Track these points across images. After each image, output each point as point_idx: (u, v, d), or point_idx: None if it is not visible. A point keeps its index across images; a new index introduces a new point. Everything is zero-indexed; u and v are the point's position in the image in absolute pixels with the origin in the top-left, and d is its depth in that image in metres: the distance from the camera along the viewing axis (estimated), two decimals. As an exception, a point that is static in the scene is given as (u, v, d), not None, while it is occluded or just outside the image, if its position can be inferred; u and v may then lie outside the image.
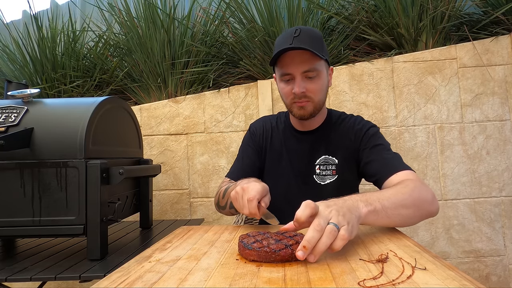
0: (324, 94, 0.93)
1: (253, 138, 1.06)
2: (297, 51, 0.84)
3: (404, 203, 0.67)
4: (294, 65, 0.86)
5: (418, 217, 0.70)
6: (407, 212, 0.67)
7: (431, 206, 0.72)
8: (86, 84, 1.88)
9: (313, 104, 0.90)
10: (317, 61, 0.86)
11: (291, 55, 0.85)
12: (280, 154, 1.02)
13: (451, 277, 0.43)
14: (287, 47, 0.83)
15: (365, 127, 0.97)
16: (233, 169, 1.04)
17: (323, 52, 0.87)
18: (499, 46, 1.65)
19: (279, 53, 0.85)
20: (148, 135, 1.71)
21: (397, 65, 1.67)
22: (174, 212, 1.69)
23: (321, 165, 0.97)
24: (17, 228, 0.90)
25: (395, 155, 0.89)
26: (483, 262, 1.60)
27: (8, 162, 0.90)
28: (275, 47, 0.91)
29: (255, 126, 1.09)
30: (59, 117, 0.96)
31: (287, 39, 0.85)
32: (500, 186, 1.61)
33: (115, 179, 0.94)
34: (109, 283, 0.46)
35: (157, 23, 1.79)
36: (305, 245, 0.49)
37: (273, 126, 1.06)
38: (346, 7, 1.90)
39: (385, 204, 0.64)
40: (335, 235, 0.51)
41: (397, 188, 0.71)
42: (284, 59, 0.87)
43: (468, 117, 1.63)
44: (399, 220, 0.67)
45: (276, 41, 0.92)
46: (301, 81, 0.87)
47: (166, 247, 0.65)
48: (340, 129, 0.99)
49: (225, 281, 0.45)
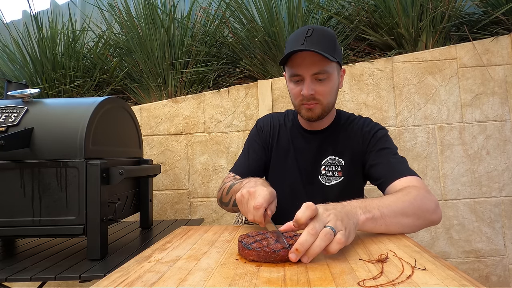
0: (333, 97, 0.91)
1: (260, 133, 1.05)
2: (308, 52, 0.82)
3: (404, 211, 0.66)
4: (304, 67, 0.84)
5: (417, 226, 0.69)
6: (406, 221, 0.67)
7: (433, 215, 0.71)
8: (86, 84, 1.88)
9: (321, 106, 0.89)
10: (328, 63, 0.85)
11: (302, 56, 0.84)
12: (286, 152, 1.01)
13: (450, 277, 0.43)
14: (298, 49, 0.81)
15: (373, 129, 0.96)
16: (238, 164, 1.03)
17: (335, 53, 0.85)
18: (499, 46, 1.65)
19: (290, 53, 0.83)
20: (148, 135, 1.71)
21: (397, 65, 1.67)
22: (174, 212, 1.69)
23: (327, 166, 0.96)
24: (17, 228, 0.90)
25: (402, 159, 0.88)
26: (483, 262, 1.59)
27: (8, 162, 0.90)
28: (286, 46, 0.89)
29: (262, 122, 1.07)
30: (59, 117, 0.96)
31: (298, 39, 0.83)
32: (500, 186, 1.61)
33: (115, 179, 0.94)
34: (109, 283, 0.46)
35: (157, 23, 1.79)
36: (298, 248, 0.50)
37: (280, 123, 1.05)
38: (346, 7, 1.90)
39: (384, 212, 0.63)
40: (331, 238, 0.51)
41: (398, 196, 0.70)
42: (295, 59, 0.85)
43: (468, 117, 1.63)
44: (398, 229, 0.66)
45: (287, 42, 0.90)
46: (311, 83, 0.85)
47: (166, 247, 0.65)
48: (348, 130, 0.98)
49: (224, 281, 0.45)
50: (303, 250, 0.50)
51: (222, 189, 0.93)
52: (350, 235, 0.55)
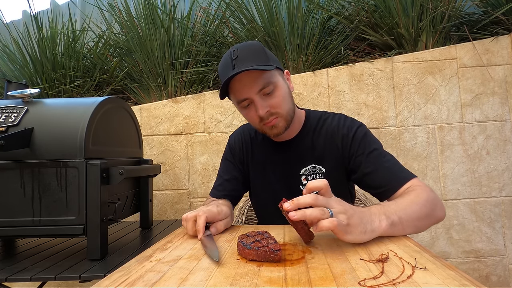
0: (290, 102, 0.86)
1: (232, 152, 1.01)
2: (244, 72, 0.77)
3: (419, 214, 0.67)
4: (246, 89, 0.79)
5: (428, 226, 0.70)
6: (421, 223, 0.68)
7: (441, 213, 0.72)
8: (86, 84, 1.88)
9: (282, 118, 0.83)
10: (267, 74, 0.79)
11: (239, 79, 0.78)
12: (263, 166, 0.96)
13: (451, 276, 0.43)
14: (231, 75, 0.76)
15: (351, 130, 0.88)
16: (215, 187, 0.99)
17: (269, 61, 0.80)
18: (499, 46, 1.65)
19: (226, 82, 0.78)
20: (148, 135, 1.71)
21: (397, 65, 1.67)
22: (174, 212, 1.69)
23: (307, 176, 0.91)
24: (17, 228, 0.90)
25: (394, 160, 0.84)
26: (483, 262, 1.60)
27: (8, 162, 0.90)
28: (220, 78, 0.85)
29: (234, 139, 1.02)
30: (59, 117, 0.96)
31: (228, 65, 0.79)
32: (500, 186, 1.61)
33: (115, 179, 0.94)
34: (110, 283, 0.46)
35: (157, 23, 1.79)
36: (295, 201, 0.54)
37: (252, 137, 0.99)
38: (346, 7, 1.90)
39: (401, 217, 0.64)
40: (324, 216, 0.54)
41: (410, 198, 0.70)
42: (234, 86, 0.80)
43: (468, 117, 1.63)
44: (412, 231, 0.67)
45: (219, 72, 0.86)
46: (261, 101, 0.79)
47: (167, 247, 0.65)
48: (322, 133, 0.91)
49: (226, 281, 0.45)
50: (296, 205, 0.54)
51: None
52: (349, 229, 0.56)
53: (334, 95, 1.68)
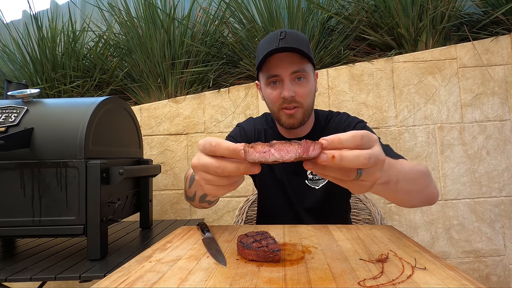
0: (313, 100, 0.88)
1: (242, 134, 0.99)
2: (285, 53, 0.78)
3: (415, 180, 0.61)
4: (283, 66, 0.81)
5: (420, 201, 0.65)
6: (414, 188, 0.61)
7: (435, 190, 0.69)
8: (86, 84, 1.88)
9: (302, 110, 0.85)
10: (305, 63, 0.82)
11: (279, 57, 0.81)
12: None
13: (451, 277, 0.43)
14: (273, 48, 0.77)
15: (351, 124, 0.92)
16: None
17: (311, 54, 0.84)
18: (499, 46, 1.65)
19: (266, 55, 0.79)
20: (148, 135, 1.71)
21: (397, 65, 1.67)
22: (174, 212, 1.69)
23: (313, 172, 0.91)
24: (17, 228, 0.90)
25: (390, 149, 0.84)
26: (483, 262, 1.59)
27: (8, 162, 0.90)
28: (259, 51, 0.85)
29: (245, 125, 1.03)
30: (59, 117, 0.96)
31: (272, 42, 0.80)
32: (500, 186, 1.61)
33: (115, 179, 0.94)
34: (109, 283, 0.46)
35: (157, 23, 1.79)
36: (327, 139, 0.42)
37: (265, 128, 1.00)
38: (346, 7, 1.90)
39: (399, 178, 0.54)
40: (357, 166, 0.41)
41: (413, 164, 0.63)
42: (271, 61, 0.82)
43: (468, 117, 1.63)
44: (403, 197, 0.59)
45: (259, 46, 0.86)
46: (290, 84, 0.82)
47: (167, 247, 0.65)
48: (327, 130, 0.95)
49: (225, 281, 0.45)
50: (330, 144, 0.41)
51: (185, 179, 0.81)
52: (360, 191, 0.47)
53: (334, 95, 1.67)
